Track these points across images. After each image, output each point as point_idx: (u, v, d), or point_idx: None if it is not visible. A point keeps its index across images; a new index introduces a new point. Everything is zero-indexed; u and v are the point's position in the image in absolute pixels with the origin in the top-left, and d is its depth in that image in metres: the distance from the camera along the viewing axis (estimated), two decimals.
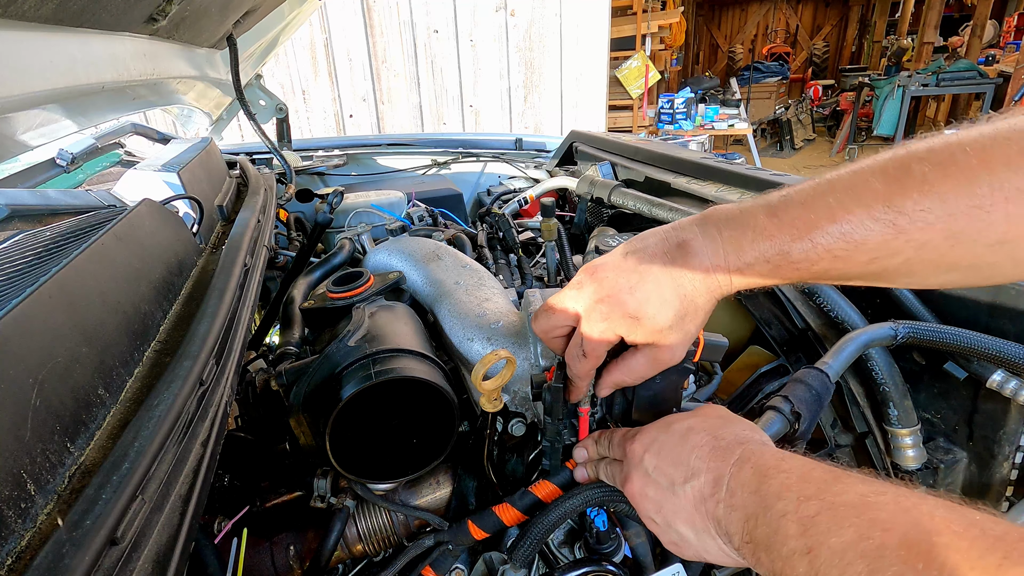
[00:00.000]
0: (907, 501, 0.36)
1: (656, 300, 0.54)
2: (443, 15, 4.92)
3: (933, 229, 0.43)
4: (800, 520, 0.39)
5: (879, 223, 0.45)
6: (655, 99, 7.13)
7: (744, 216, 0.52)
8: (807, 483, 0.42)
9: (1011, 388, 0.72)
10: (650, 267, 0.55)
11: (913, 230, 0.44)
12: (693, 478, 0.51)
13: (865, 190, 0.45)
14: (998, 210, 0.41)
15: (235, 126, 4.32)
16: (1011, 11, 9.08)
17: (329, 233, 1.64)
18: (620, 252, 0.58)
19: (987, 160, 0.41)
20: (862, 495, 0.38)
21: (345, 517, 0.76)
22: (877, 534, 0.34)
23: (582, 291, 0.58)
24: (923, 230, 0.43)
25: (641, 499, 0.56)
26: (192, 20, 1.24)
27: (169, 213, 0.96)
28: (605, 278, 0.57)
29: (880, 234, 0.45)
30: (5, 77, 0.74)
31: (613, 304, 0.56)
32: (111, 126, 2.16)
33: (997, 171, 0.40)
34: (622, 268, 0.56)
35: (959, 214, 0.42)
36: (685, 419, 0.57)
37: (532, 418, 0.78)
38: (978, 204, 0.41)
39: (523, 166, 2.28)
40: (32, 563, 0.38)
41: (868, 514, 0.36)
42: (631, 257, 0.57)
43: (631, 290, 0.55)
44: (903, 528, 0.34)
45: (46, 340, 0.51)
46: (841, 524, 0.37)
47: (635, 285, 0.55)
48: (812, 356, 0.92)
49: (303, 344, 0.98)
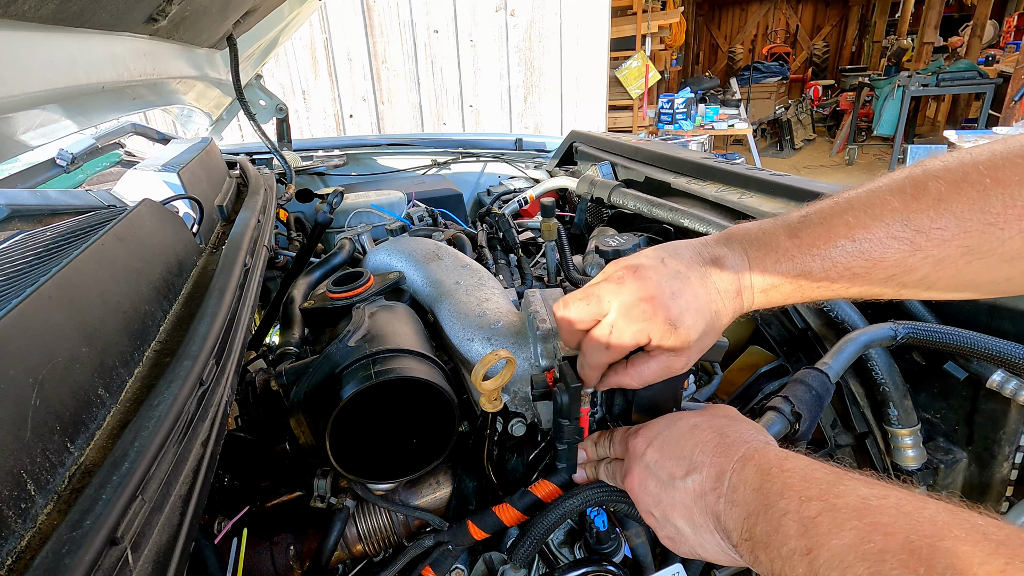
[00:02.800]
0: (909, 505, 0.36)
1: (694, 311, 0.54)
2: (443, 15, 4.92)
3: (949, 246, 0.44)
4: (801, 520, 0.39)
5: (897, 240, 0.46)
6: (655, 99, 7.13)
7: (766, 237, 0.54)
8: (809, 483, 0.42)
9: (1011, 388, 0.72)
10: (689, 276, 0.55)
11: (930, 247, 0.45)
12: (695, 472, 0.51)
13: (883, 208, 0.47)
14: (1012, 226, 0.42)
15: (235, 126, 4.33)
16: (1011, 11, 9.08)
17: (329, 233, 1.64)
18: (656, 255, 0.57)
19: (1000, 179, 0.42)
20: (864, 498, 0.38)
21: (345, 517, 0.76)
22: (879, 538, 0.34)
23: (623, 286, 0.56)
24: (939, 246, 0.45)
25: (641, 492, 0.56)
26: (192, 20, 1.24)
27: (169, 213, 0.96)
28: (649, 278, 0.55)
29: (898, 252, 0.46)
30: (5, 77, 0.74)
31: (657, 306, 0.54)
32: (111, 126, 2.16)
33: (1010, 188, 0.42)
34: (664, 272, 0.55)
35: (974, 231, 0.43)
36: (692, 416, 0.57)
37: (532, 418, 0.78)
38: (992, 221, 0.42)
39: (523, 166, 2.28)
40: (32, 563, 0.38)
41: (870, 517, 0.36)
42: (671, 262, 0.56)
43: (674, 296, 0.54)
44: (905, 532, 0.34)
45: (46, 340, 0.51)
46: (842, 526, 0.37)
47: (677, 292, 0.54)
48: (812, 356, 0.92)
49: (303, 344, 0.98)
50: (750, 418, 0.60)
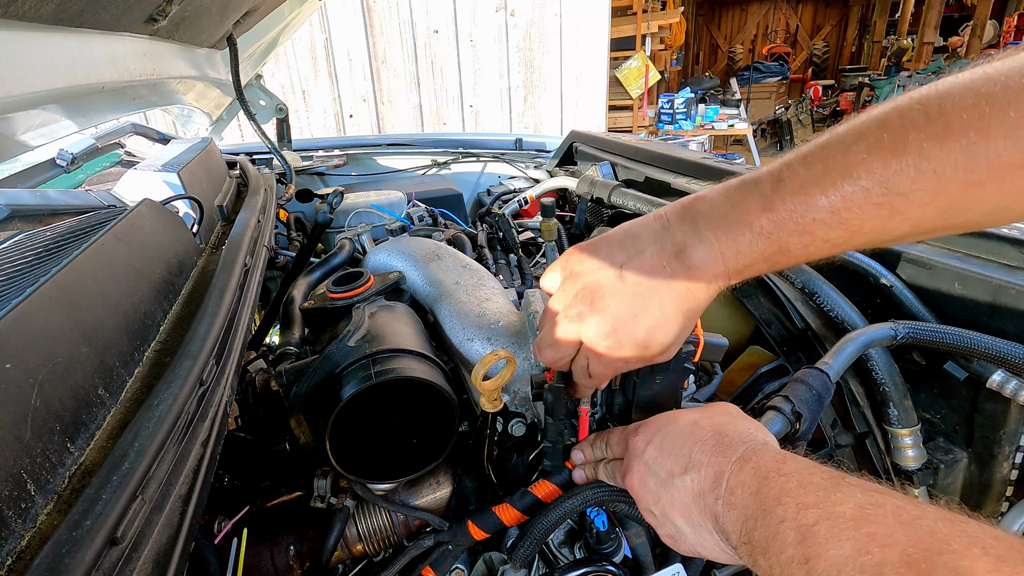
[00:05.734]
0: (906, 515, 0.36)
1: (663, 323, 0.53)
2: (443, 15, 4.92)
3: (929, 207, 0.42)
4: (798, 528, 0.39)
5: (878, 207, 0.43)
6: (655, 99, 7.13)
7: (737, 213, 0.49)
8: (806, 489, 0.41)
9: (1011, 388, 0.72)
10: (652, 286, 0.52)
11: (909, 209, 0.42)
12: (693, 471, 0.51)
13: (862, 170, 0.43)
14: (993, 184, 0.39)
15: (235, 126, 4.33)
16: (1011, 11, 9.08)
17: (329, 233, 1.64)
18: (614, 260, 0.54)
19: (985, 130, 0.38)
20: (861, 506, 0.38)
21: (345, 517, 0.76)
22: (876, 549, 0.34)
23: (584, 324, 0.54)
24: (919, 208, 0.42)
25: (641, 490, 0.56)
26: (192, 20, 1.24)
27: (169, 213, 0.96)
28: (607, 307, 0.53)
29: (877, 217, 0.44)
30: (5, 77, 0.74)
31: (622, 336, 0.53)
32: (111, 126, 2.16)
33: (995, 141, 0.38)
34: (622, 293, 0.53)
35: (955, 191, 0.41)
36: (691, 414, 0.57)
37: (532, 418, 0.78)
38: (975, 180, 0.39)
39: (523, 166, 2.28)
40: (32, 563, 0.38)
41: (867, 527, 0.36)
42: (628, 274, 0.53)
43: (636, 318, 0.53)
44: (903, 544, 0.34)
45: (46, 340, 0.51)
46: (839, 536, 0.36)
47: (639, 312, 0.52)
48: (812, 356, 0.92)
49: (303, 344, 0.98)
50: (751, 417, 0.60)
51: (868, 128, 0.44)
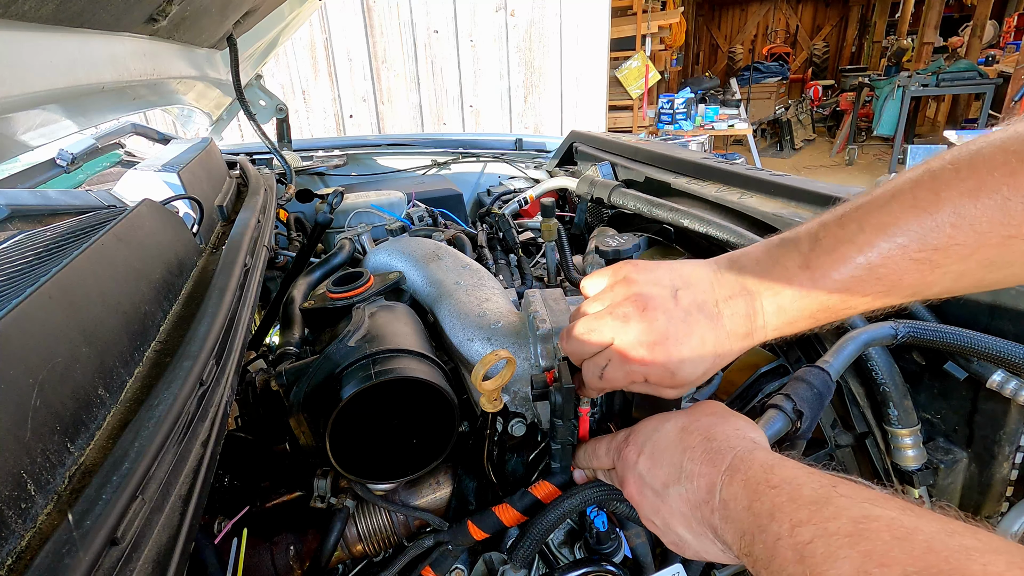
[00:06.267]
0: (901, 529, 0.35)
1: (696, 359, 0.54)
2: (443, 15, 4.92)
3: (969, 261, 0.43)
4: (795, 547, 0.38)
5: (916, 263, 0.44)
6: (655, 99, 7.13)
7: (778, 269, 0.52)
8: (797, 505, 0.41)
9: (1011, 388, 0.72)
10: (698, 320, 0.53)
11: (949, 263, 0.44)
12: (685, 481, 0.50)
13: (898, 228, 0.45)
14: None
15: (235, 126, 4.32)
16: (1011, 11, 9.08)
17: (329, 233, 1.64)
18: (670, 283, 0.55)
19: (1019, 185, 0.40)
20: (855, 520, 0.37)
21: (345, 517, 0.76)
22: (874, 569, 0.34)
23: (628, 325, 0.54)
24: (959, 262, 0.43)
25: (640, 500, 0.56)
26: (192, 20, 1.24)
27: (169, 213, 0.96)
28: (656, 320, 0.54)
29: (917, 272, 0.45)
30: (5, 77, 0.74)
31: (658, 353, 0.53)
32: (111, 126, 2.16)
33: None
34: (673, 313, 0.54)
35: (994, 244, 0.42)
36: (679, 417, 0.57)
37: (532, 418, 0.78)
38: (1013, 233, 0.41)
39: (523, 166, 2.28)
40: (32, 563, 0.38)
41: (863, 545, 0.35)
42: (685, 297, 0.54)
43: (678, 341, 0.53)
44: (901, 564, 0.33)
45: (46, 340, 0.51)
46: (836, 555, 0.36)
47: (683, 337, 0.53)
48: (812, 356, 0.92)
49: (303, 344, 0.98)
50: (751, 417, 0.60)
51: (902, 189, 0.46)
